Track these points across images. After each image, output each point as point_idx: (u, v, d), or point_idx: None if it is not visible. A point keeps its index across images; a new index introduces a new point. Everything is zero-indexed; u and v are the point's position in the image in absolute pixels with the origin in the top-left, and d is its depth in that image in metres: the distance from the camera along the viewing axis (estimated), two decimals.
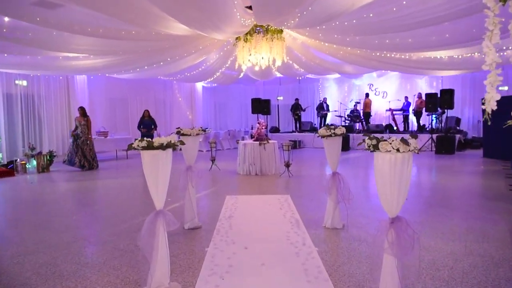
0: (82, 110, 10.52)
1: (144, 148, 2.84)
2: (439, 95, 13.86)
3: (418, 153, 2.49)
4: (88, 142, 10.44)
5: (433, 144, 14.08)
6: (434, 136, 14.09)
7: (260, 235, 4.37)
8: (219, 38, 7.83)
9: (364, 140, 2.57)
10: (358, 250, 3.87)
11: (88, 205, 6.36)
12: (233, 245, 4.00)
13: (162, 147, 2.86)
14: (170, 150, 2.95)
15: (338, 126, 4.45)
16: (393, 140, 2.35)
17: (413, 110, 17.05)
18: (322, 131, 4.43)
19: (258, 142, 9.10)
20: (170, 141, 2.91)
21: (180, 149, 3.79)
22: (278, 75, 16.03)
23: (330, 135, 4.38)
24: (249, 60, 9.04)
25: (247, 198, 6.48)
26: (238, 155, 9.41)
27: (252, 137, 9.71)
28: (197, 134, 4.49)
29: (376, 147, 2.44)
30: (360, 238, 4.23)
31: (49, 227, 4.89)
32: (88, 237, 4.50)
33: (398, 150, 2.33)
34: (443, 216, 5.06)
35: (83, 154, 10.36)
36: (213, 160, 9.93)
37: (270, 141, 9.28)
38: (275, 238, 4.23)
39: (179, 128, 4.49)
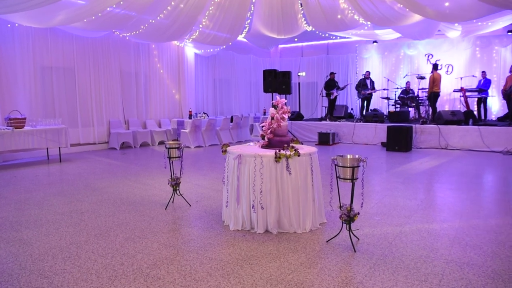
0: None
1: None
2: None
3: None
4: None
5: None
6: None
7: None
8: None
9: None
10: None
11: None
12: None
13: None
14: None
15: None
16: None
17: (502, 90, 11.61)
18: None
19: (273, 152, 3.75)
20: None
21: None
22: (308, 29, 10.37)
23: None
24: None
25: None
26: (225, 181, 4.00)
27: (262, 137, 4.25)
28: None
29: None
30: None
31: None
32: None
33: None
34: None
35: None
36: (174, 186, 4.63)
37: (302, 151, 3.86)
38: None
39: None
